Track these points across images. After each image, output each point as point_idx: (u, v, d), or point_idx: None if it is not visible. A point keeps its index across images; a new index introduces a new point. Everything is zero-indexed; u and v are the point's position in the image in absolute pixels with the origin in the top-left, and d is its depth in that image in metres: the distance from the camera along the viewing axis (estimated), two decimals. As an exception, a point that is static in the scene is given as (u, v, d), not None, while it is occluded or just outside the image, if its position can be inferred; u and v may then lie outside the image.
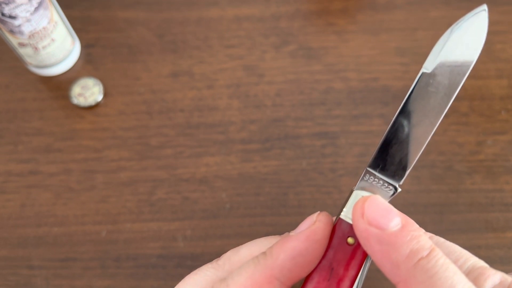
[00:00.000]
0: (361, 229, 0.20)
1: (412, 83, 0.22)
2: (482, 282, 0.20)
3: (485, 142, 0.39)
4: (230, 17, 0.45)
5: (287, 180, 0.38)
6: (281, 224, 0.36)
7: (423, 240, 0.19)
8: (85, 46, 0.44)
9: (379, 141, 0.22)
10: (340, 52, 0.43)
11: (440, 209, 0.36)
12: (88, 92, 0.41)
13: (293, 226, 0.24)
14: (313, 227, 0.21)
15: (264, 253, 0.22)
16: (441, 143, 0.38)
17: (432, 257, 0.18)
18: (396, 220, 0.19)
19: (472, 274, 0.20)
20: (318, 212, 0.22)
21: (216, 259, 0.24)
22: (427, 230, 0.35)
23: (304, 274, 0.21)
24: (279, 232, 0.36)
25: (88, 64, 0.43)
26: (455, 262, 0.21)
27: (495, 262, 0.35)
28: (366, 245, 0.20)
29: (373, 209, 0.20)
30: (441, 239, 0.23)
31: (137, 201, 0.37)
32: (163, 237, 0.36)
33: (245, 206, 0.37)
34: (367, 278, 0.21)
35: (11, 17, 0.36)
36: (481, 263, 0.21)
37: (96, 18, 0.45)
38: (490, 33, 0.43)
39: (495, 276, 0.20)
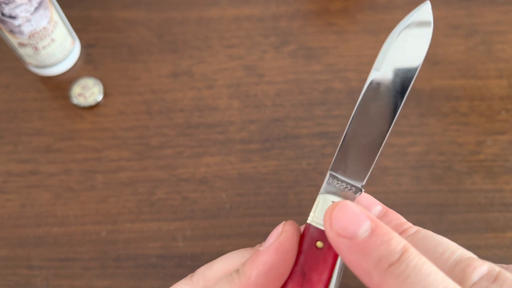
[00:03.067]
0: (331, 240, 0.20)
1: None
2: (469, 273, 0.19)
3: (485, 142, 0.39)
4: (230, 17, 0.45)
5: (287, 180, 0.38)
6: (281, 224, 0.36)
7: (394, 243, 0.18)
8: (85, 46, 0.44)
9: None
10: (340, 52, 0.43)
11: (439, 209, 0.36)
12: (88, 92, 0.41)
13: (293, 226, 0.24)
14: (280, 239, 0.21)
15: (237, 270, 0.22)
16: (440, 143, 0.38)
17: (403, 261, 0.18)
18: (365, 225, 0.19)
19: (459, 266, 0.20)
20: (284, 222, 0.22)
21: (190, 275, 0.24)
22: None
23: (279, 285, 0.22)
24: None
25: (88, 64, 0.43)
26: (441, 254, 0.21)
27: (495, 262, 0.34)
28: (340, 255, 0.20)
29: (340, 218, 0.19)
30: (429, 232, 0.23)
31: (137, 201, 0.37)
32: (163, 237, 0.36)
33: (245, 206, 0.37)
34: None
35: (11, 17, 0.36)
36: (468, 254, 0.21)
37: (96, 18, 0.45)
38: (490, 33, 0.43)
39: (482, 266, 0.20)
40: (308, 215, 0.23)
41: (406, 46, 0.22)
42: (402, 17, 0.24)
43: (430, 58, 0.42)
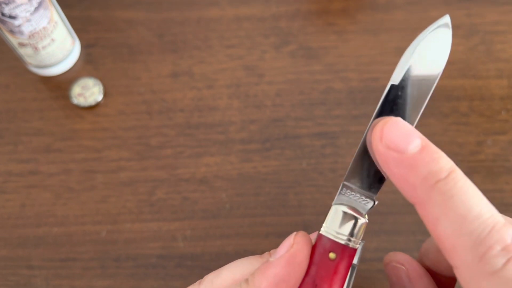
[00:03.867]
0: (379, 153, 0.20)
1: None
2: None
3: (485, 142, 0.39)
4: (230, 17, 0.45)
5: (287, 180, 0.38)
6: (281, 224, 0.36)
7: (443, 162, 0.19)
8: (85, 46, 0.44)
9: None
10: (340, 52, 0.43)
11: (440, 209, 0.36)
12: (88, 92, 0.41)
13: (293, 226, 0.24)
14: (291, 251, 0.21)
15: (246, 280, 0.21)
16: (441, 143, 0.38)
17: (450, 179, 0.18)
18: (416, 142, 0.19)
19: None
20: (295, 233, 0.22)
21: (198, 281, 0.24)
22: (427, 230, 0.35)
23: None
24: (279, 232, 0.36)
25: (88, 64, 0.43)
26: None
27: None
28: (385, 168, 0.20)
29: (392, 132, 0.19)
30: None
31: (137, 201, 0.37)
32: (163, 237, 0.36)
33: (245, 206, 0.37)
34: (366, 278, 0.21)
35: (11, 17, 0.36)
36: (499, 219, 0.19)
37: (96, 18, 0.45)
38: (490, 33, 0.43)
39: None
40: (308, 215, 0.23)
41: (425, 60, 0.22)
42: (402, 17, 0.24)
43: (430, 58, 0.42)
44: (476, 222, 0.17)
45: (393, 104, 0.22)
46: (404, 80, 0.22)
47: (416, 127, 0.29)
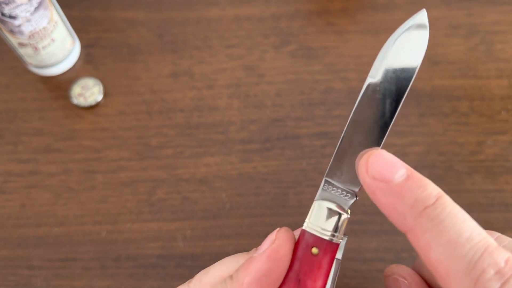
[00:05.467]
0: (367, 184, 0.20)
1: (412, 83, 0.22)
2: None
3: (485, 142, 0.39)
4: (230, 17, 0.45)
5: (287, 180, 0.38)
6: (281, 224, 0.36)
7: (430, 188, 0.19)
8: (85, 46, 0.44)
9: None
10: (340, 52, 0.43)
11: (440, 209, 0.36)
12: (88, 92, 0.41)
13: (293, 226, 0.24)
14: (273, 246, 0.22)
15: (231, 277, 0.22)
16: (441, 143, 0.38)
17: (438, 205, 0.18)
18: (401, 171, 0.19)
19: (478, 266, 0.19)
20: (278, 228, 0.23)
21: (188, 281, 0.24)
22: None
23: None
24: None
25: (88, 64, 0.43)
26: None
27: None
28: (374, 198, 0.20)
29: (377, 163, 0.20)
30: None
31: (137, 201, 0.37)
32: (163, 237, 0.36)
33: (245, 206, 0.37)
34: (367, 278, 0.21)
35: (11, 17, 0.36)
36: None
37: (96, 18, 0.45)
38: (490, 33, 0.43)
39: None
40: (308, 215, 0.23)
41: (402, 54, 0.22)
42: (402, 17, 0.24)
43: (430, 58, 0.42)
44: (468, 245, 0.17)
45: (371, 100, 0.22)
46: (382, 75, 0.22)
47: (414, 126, 0.30)
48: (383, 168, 0.20)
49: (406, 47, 0.22)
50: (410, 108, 0.40)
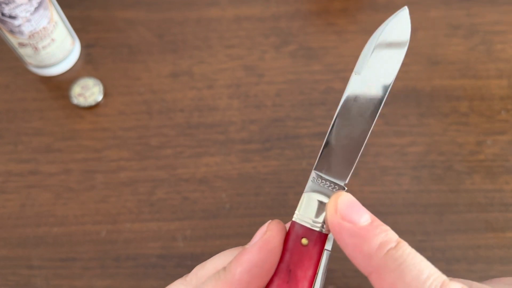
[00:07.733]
0: (334, 224, 0.21)
1: (412, 83, 0.22)
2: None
3: (485, 142, 0.39)
4: (230, 17, 0.45)
5: (287, 180, 0.38)
6: (281, 224, 0.36)
7: (391, 233, 0.21)
8: (85, 46, 0.44)
9: (380, 141, 0.22)
10: (340, 52, 0.43)
11: (439, 209, 0.36)
12: (88, 92, 0.41)
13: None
14: (264, 237, 0.22)
15: (224, 268, 0.23)
16: (441, 143, 0.38)
17: (399, 247, 0.20)
18: (365, 216, 0.21)
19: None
20: (269, 221, 0.23)
21: (185, 275, 0.25)
22: (427, 230, 0.35)
23: (264, 283, 0.22)
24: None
25: (88, 64, 0.43)
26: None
27: (495, 262, 0.35)
28: (339, 239, 0.21)
29: (345, 205, 0.21)
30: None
31: (137, 201, 0.37)
32: (163, 237, 0.36)
33: (245, 206, 0.37)
34: (367, 278, 0.21)
35: (11, 17, 0.36)
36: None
37: (96, 18, 0.45)
38: (490, 33, 0.43)
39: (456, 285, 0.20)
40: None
41: (385, 50, 0.23)
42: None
43: (430, 58, 0.42)
44: (428, 282, 0.19)
45: (357, 94, 0.23)
46: (366, 71, 0.23)
47: (414, 126, 0.30)
48: (351, 210, 0.21)
49: (389, 43, 0.23)
50: (410, 108, 0.40)
